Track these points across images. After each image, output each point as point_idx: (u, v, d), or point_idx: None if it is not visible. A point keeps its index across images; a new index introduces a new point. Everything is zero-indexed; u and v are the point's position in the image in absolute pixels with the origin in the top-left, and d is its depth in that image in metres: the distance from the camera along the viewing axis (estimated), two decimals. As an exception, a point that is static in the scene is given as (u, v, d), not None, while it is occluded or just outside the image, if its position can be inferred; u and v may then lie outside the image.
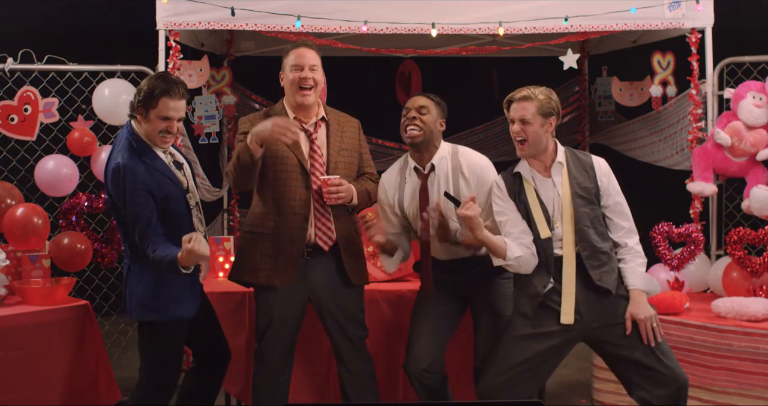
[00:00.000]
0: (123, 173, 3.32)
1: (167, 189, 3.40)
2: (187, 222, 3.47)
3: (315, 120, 3.66)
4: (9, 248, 4.39)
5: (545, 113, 3.41)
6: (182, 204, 3.46)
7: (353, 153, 3.72)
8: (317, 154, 3.62)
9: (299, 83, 3.57)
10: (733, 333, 3.90)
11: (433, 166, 3.68)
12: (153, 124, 3.40)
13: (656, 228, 4.53)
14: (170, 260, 3.22)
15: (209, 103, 5.35)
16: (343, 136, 3.70)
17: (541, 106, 3.40)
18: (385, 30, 4.86)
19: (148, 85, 3.39)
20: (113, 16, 5.93)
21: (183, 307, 3.43)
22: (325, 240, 3.61)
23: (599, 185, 3.44)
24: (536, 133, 3.40)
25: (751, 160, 4.72)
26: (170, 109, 3.38)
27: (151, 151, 3.43)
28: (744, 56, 4.98)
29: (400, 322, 4.08)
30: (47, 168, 4.73)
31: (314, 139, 3.64)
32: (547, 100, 3.42)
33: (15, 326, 3.84)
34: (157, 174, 3.39)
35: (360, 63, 6.08)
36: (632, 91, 5.84)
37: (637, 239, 3.48)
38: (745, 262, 4.34)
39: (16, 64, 4.78)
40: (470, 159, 3.71)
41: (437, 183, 3.68)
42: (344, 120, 3.77)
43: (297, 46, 3.64)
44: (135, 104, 3.42)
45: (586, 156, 3.52)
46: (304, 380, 4.10)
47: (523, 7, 4.88)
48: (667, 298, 4.15)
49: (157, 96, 3.35)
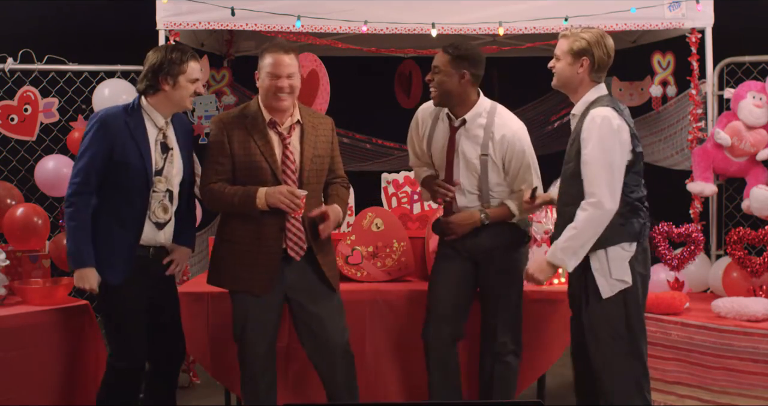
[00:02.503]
0: (97, 121, 3.51)
1: (130, 157, 3.50)
2: (139, 199, 3.54)
3: (290, 123, 3.62)
4: (9, 248, 4.39)
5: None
6: (140, 179, 3.52)
7: (325, 159, 3.68)
8: (289, 160, 3.58)
9: (276, 91, 3.54)
10: (733, 333, 3.89)
11: (465, 120, 3.69)
12: (184, 90, 3.55)
13: (656, 228, 4.52)
14: (73, 254, 3.46)
15: (209, 103, 5.33)
16: (317, 141, 3.65)
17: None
18: (385, 30, 4.86)
19: (164, 56, 3.53)
20: (113, 16, 5.93)
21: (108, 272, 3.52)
22: (296, 251, 3.60)
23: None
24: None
25: (751, 160, 4.71)
26: (196, 70, 3.57)
27: (140, 121, 3.56)
28: (744, 56, 4.98)
29: (400, 322, 4.08)
30: (47, 168, 4.73)
31: (287, 144, 3.59)
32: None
33: (15, 326, 3.84)
34: (130, 140, 3.51)
35: (360, 63, 6.08)
36: (632, 91, 5.84)
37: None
38: (745, 262, 4.33)
39: (16, 64, 4.79)
40: (504, 122, 3.71)
41: (467, 138, 3.69)
42: (318, 121, 3.71)
43: (273, 50, 3.54)
44: (158, 77, 3.52)
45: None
46: (300, 380, 4.10)
47: (523, 7, 4.89)
48: (667, 298, 4.14)
49: (184, 62, 3.53)
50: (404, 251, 4.28)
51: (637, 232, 3.35)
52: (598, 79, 3.41)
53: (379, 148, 6.30)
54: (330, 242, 3.74)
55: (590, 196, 3.24)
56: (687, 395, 3.99)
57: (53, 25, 5.99)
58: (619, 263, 3.31)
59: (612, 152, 3.23)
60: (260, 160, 3.55)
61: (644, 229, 3.38)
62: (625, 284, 3.32)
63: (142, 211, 3.55)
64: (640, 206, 3.37)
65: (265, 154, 3.55)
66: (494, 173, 3.71)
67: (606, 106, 3.30)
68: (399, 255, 4.28)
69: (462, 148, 3.70)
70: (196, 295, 4.08)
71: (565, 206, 3.40)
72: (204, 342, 4.06)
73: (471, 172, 3.71)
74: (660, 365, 4.04)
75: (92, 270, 3.49)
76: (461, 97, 3.68)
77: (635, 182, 3.34)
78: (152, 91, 3.55)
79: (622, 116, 3.30)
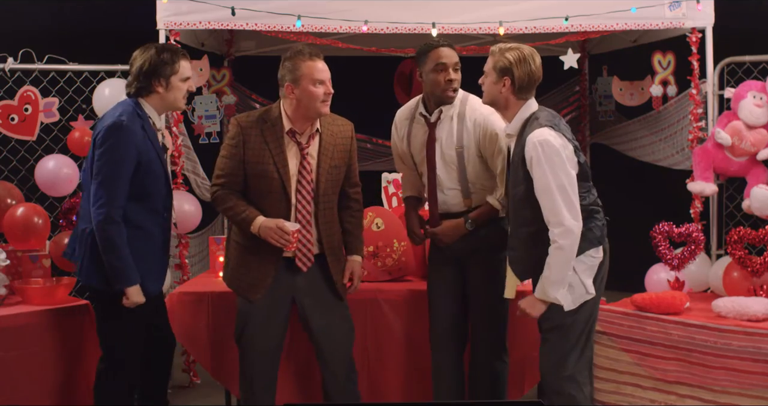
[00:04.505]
0: (121, 129, 3.39)
1: (152, 162, 3.47)
2: (162, 203, 3.54)
3: (309, 132, 3.60)
4: (9, 247, 4.39)
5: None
6: (162, 183, 3.52)
7: (341, 169, 3.67)
8: (306, 171, 3.56)
9: (324, 98, 3.52)
10: (733, 333, 3.88)
11: (441, 111, 3.71)
12: (177, 90, 3.53)
13: (657, 228, 4.52)
14: (121, 274, 3.38)
15: (209, 103, 5.34)
16: (334, 151, 3.63)
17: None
18: (385, 30, 4.86)
19: (155, 57, 3.48)
20: (114, 15, 5.92)
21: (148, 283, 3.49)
22: (304, 262, 3.61)
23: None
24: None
25: (751, 160, 4.70)
26: (187, 69, 3.55)
27: (150, 124, 3.52)
28: (744, 56, 4.96)
29: (400, 322, 4.08)
30: (47, 168, 4.72)
31: (306, 154, 3.58)
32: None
33: (15, 326, 3.84)
34: (149, 145, 3.47)
35: (360, 63, 6.07)
36: (632, 90, 5.84)
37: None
38: (745, 262, 4.32)
39: (17, 64, 4.78)
40: (475, 108, 3.72)
41: (442, 131, 3.71)
42: (337, 129, 3.67)
43: (309, 58, 3.52)
44: (149, 79, 3.47)
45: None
46: (293, 379, 4.09)
47: (523, 6, 4.88)
48: (668, 298, 4.13)
49: (175, 62, 3.49)
50: (404, 251, 4.28)
51: (599, 235, 3.35)
52: (524, 97, 3.39)
53: (379, 148, 6.30)
54: (341, 249, 3.75)
55: (556, 225, 3.21)
56: (687, 394, 3.98)
57: (53, 24, 5.99)
58: (588, 273, 3.32)
59: (560, 175, 3.21)
60: (272, 170, 3.53)
61: (604, 228, 3.40)
62: (589, 296, 3.33)
63: (166, 215, 3.56)
64: (594, 208, 3.37)
65: (278, 165, 3.52)
66: (472, 166, 3.70)
67: (542, 126, 3.26)
68: (399, 255, 4.28)
69: (440, 144, 3.72)
70: (196, 295, 4.07)
71: (519, 226, 3.39)
72: (204, 342, 4.05)
73: (449, 166, 3.72)
74: (660, 364, 4.04)
75: (138, 285, 3.45)
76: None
77: (584, 189, 3.34)
78: (145, 93, 3.51)
79: (559, 131, 3.27)
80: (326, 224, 3.63)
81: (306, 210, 3.57)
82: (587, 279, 3.32)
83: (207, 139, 5.31)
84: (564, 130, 3.32)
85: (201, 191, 5.38)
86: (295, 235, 3.48)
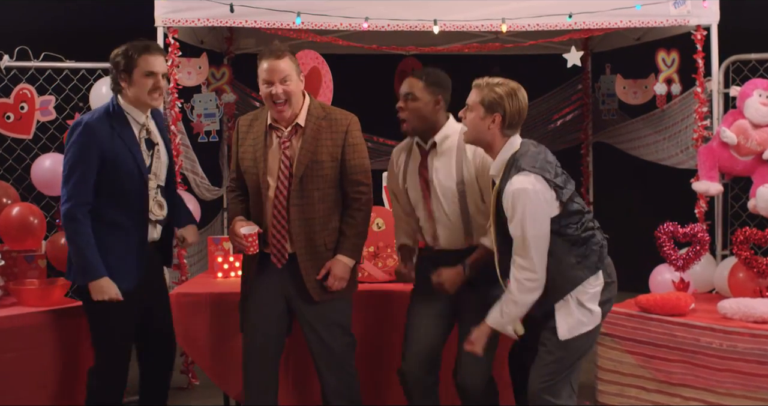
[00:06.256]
0: (83, 129, 3.43)
1: (122, 160, 3.45)
2: (138, 200, 3.51)
3: (290, 127, 3.53)
4: (4, 248, 4.37)
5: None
6: (136, 180, 3.49)
7: (329, 164, 3.51)
8: (284, 165, 3.50)
9: (272, 99, 3.45)
10: (739, 335, 3.86)
11: (435, 143, 3.59)
12: (140, 84, 3.48)
13: (661, 228, 4.49)
14: (84, 268, 3.41)
15: (209, 101, 5.32)
16: (318, 146, 3.51)
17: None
18: (386, 27, 4.83)
19: (123, 51, 3.48)
20: (111, 13, 5.90)
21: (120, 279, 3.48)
22: (278, 258, 3.56)
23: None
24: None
25: (757, 159, 4.67)
26: (151, 64, 3.46)
27: (124, 121, 3.51)
28: (750, 54, 4.93)
29: (401, 322, 4.03)
30: (44, 167, 4.69)
31: (285, 149, 3.50)
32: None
33: (10, 328, 3.82)
34: (119, 142, 3.46)
35: (361, 60, 6.05)
36: (636, 89, 5.81)
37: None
38: (751, 262, 4.30)
39: (13, 62, 4.76)
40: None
41: (439, 162, 3.57)
42: (328, 123, 3.54)
43: (264, 56, 3.45)
44: (116, 75, 3.49)
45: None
46: (300, 380, 4.07)
47: (526, 4, 4.85)
48: (673, 299, 4.11)
49: (135, 56, 3.45)
50: (405, 251, 4.23)
51: (597, 260, 3.26)
52: (509, 134, 3.29)
53: (380, 147, 6.27)
54: (327, 248, 3.58)
55: (521, 269, 3.16)
56: (692, 397, 3.96)
57: (50, 22, 5.97)
58: (591, 304, 3.24)
59: (535, 225, 3.13)
60: (252, 166, 3.53)
61: (603, 250, 3.30)
62: (587, 328, 3.25)
63: (142, 212, 3.53)
64: (588, 234, 3.25)
65: (257, 160, 3.52)
66: (472, 201, 3.57)
67: (520, 172, 3.16)
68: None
69: (437, 176, 3.57)
70: (196, 295, 4.06)
71: (503, 254, 3.31)
72: (203, 343, 4.03)
73: (450, 200, 3.57)
74: (665, 366, 4.02)
75: (107, 279, 3.45)
76: (433, 122, 3.57)
77: (575, 221, 3.23)
78: (118, 89, 3.53)
79: (539, 174, 3.16)
80: (304, 221, 3.51)
81: (281, 205, 3.51)
82: (593, 305, 3.24)
83: (206, 138, 5.28)
84: (546, 168, 3.19)
85: (200, 191, 5.34)
86: (249, 239, 3.44)
